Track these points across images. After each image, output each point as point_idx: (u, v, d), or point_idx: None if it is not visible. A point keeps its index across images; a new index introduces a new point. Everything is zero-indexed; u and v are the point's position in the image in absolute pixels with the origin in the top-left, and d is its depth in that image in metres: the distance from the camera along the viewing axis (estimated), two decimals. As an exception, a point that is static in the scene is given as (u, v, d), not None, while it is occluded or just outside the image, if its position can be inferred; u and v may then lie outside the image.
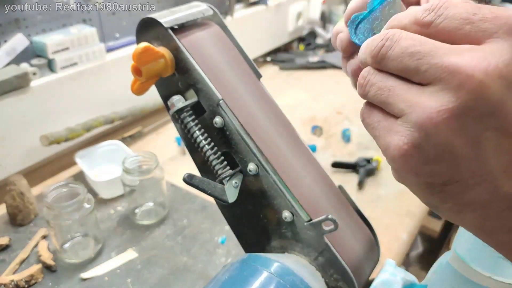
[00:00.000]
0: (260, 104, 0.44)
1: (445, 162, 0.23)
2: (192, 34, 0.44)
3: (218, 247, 0.73)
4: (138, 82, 0.42)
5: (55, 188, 0.69)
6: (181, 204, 0.83)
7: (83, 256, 0.70)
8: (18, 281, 0.63)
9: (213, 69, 0.42)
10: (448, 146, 0.22)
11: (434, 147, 0.23)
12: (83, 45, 0.92)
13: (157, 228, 0.77)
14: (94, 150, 0.91)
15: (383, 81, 0.25)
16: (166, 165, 0.92)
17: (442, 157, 0.23)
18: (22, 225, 0.77)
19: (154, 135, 1.09)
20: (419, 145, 0.23)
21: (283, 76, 1.43)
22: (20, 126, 0.85)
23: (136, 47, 0.41)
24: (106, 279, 0.66)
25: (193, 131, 0.42)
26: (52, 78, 0.88)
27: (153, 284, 0.66)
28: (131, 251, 0.72)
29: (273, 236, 0.43)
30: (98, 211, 0.80)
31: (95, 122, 0.94)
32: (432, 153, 0.23)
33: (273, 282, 0.35)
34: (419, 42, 0.23)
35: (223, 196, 0.41)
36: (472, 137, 0.22)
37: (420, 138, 0.23)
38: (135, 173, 0.76)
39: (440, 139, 0.22)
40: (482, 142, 0.22)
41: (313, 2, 1.57)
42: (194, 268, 0.68)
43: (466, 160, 0.22)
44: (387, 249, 0.72)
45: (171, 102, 0.43)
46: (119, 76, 0.99)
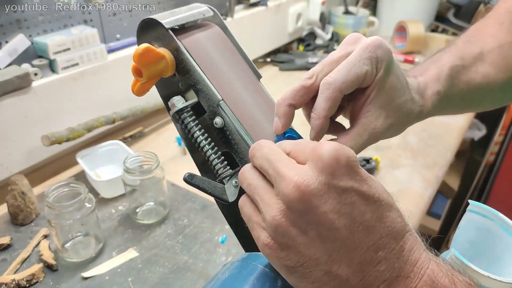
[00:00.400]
0: (260, 105, 0.44)
1: (291, 249, 0.30)
2: (192, 35, 0.44)
3: (218, 246, 0.73)
4: (139, 83, 0.42)
5: (56, 187, 0.69)
6: (181, 203, 0.83)
7: (84, 256, 0.70)
8: (19, 280, 0.64)
9: (213, 69, 0.43)
10: (290, 237, 0.30)
11: (282, 238, 0.30)
12: (84, 46, 0.92)
13: (157, 228, 0.77)
14: (95, 150, 0.91)
15: (253, 178, 0.34)
16: (167, 165, 0.92)
17: (288, 245, 0.30)
18: (24, 224, 0.77)
19: (154, 135, 1.09)
20: (274, 238, 0.31)
21: (283, 77, 1.43)
22: (21, 126, 0.85)
23: (137, 48, 0.41)
24: (107, 278, 0.67)
25: (193, 131, 0.42)
26: (54, 79, 0.88)
27: (154, 283, 0.66)
28: (132, 251, 0.72)
29: (272, 235, 0.43)
30: (99, 210, 0.80)
31: (96, 122, 0.94)
32: (282, 243, 0.31)
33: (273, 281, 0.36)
34: (274, 153, 0.33)
35: (223, 195, 0.41)
36: (301, 229, 0.30)
37: (273, 233, 0.31)
38: (136, 173, 0.76)
39: (284, 232, 0.30)
40: (308, 232, 0.30)
41: (312, 3, 1.57)
42: (194, 267, 0.69)
43: (303, 247, 0.30)
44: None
45: (172, 102, 0.43)
46: (120, 77, 1.00)
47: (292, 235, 0.30)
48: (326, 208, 0.29)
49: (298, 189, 0.29)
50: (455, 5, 1.78)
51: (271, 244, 0.31)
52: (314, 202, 0.29)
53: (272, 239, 0.31)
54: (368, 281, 0.30)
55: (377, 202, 0.30)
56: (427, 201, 0.87)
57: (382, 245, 0.30)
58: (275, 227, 0.30)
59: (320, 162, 0.30)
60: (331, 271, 0.30)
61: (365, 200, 0.30)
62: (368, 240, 0.30)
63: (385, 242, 0.30)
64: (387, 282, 0.30)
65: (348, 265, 0.30)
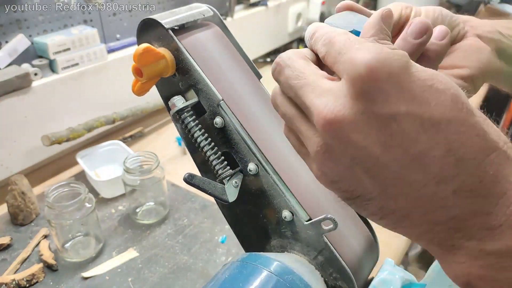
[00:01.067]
0: (260, 105, 0.44)
1: (341, 183, 0.27)
2: (192, 35, 0.44)
3: (218, 246, 0.73)
4: (139, 83, 0.42)
5: (56, 187, 0.69)
6: (181, 203, 0.83)
7: (84, 256, 0.70)
8: (19, 280, 0.64)
9: (213, 69, 0.43)
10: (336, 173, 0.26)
11: (329, 173, 0.27)
12: (84, 46, 0.92)
13: (157, 228, 0.77)
14: (95, 150, 0.91)
15: (284, 107, 0.29)
16: (167, 165, 0.92)
17: (337, 180, 0.27)
18: (24, 224, 0.77)
19: (154, 135, 1.09)
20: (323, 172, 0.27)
21: (283, 77, 1.43)
22: (21, 126, 0.85)
23: (137, 48, 0.41)
24: (107, 278, 0.67)
25: (193, 131, 0.42)
26: (54, 79, 0.88)
27: (154, 283, 0.66)
28: (132, 251, 0.72)
29: (273, 236, 0.43)
30: (99, 210, 0.80)
31: (96, 122, 0.94)
32: (331, 177, 0.27)
33: (273, 281, 0.36)
34: (296, 76, 0.27)
35: (223, 195, 0.41)
36: (345, 165, 0.26)
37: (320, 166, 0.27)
38: (136, 173, 0.76)
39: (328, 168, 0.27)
40: (353, 168, 0.25)
41: (312, 3, 1.57)
42: (194, 267, 0.69)
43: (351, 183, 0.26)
44: (386, 248, 0.72)
45: (172, 102, 0.43)
46: (120, 77, 1.00)
47: (338, 171, 0.26)
48: (368, 142, 0.24)
49: (330, 125, 0.24)
50: (455, 5, 1.78)
51: (321, 177, 0.28)
52: (352, 137, 0.24)
53: (321, 172, 0.28)
54: (433, 216, 0.25)
55: (437, 124, 0.24)
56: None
57: (446, 177, 0.24)
58: (319, 162, 0.27)
59: (356, 80, 0.24)
60: (388, 206, 0.26)
61: (418, 126, 0.24)
62: (427, 173, 0.24)
63: (452, 173, 0.24)
64: (458, 219, 0.25)
65: (406, 201, 0.25)
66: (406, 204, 0.25)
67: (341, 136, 0.25)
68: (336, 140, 0.25)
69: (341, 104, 0.24)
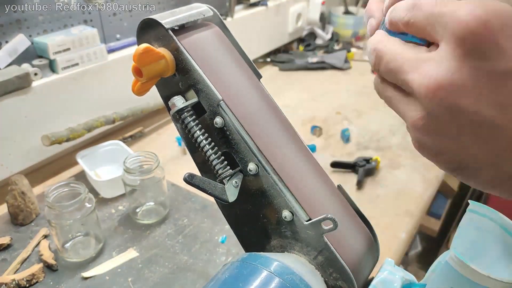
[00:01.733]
0: (260, 105, 0.44)
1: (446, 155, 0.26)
2: (192, 35, 0.44)
3: (218, 246, 0.73)
4: (139, 83, 0.42)
5: (56, 187, 0.69)
6: (181, 203, 0.83)
7: (84, 256, 0.70)
8: (19, 280, 0.64)
9: (213, 69, 0.43)
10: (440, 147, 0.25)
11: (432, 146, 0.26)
12: (84, 46, 0.92)
13: (157, 228, 0.77)
14: (95, 150, 0.91)
15: (386, 91, 0.28)
16: (167, 165, 0.92)
17: (441, 153, 0.26)
18: (24, 224, 0.77)
19: (154, 135, 1.09)
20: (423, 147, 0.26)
21: (283, 77, 1.43)
22: (21, 126, 0.85)
23: (137, 48, 0.41)
24: (107, 278, 0.67)
25: (193, 131, 0.42)
26: (54, 79, 0.88)
27: (154, 283, 0.66)
28: (132, 251, 0.72)
29: (273, 235, 0.43)
30: (99, 210, 0.80)
31: (96, 122, 0.94)
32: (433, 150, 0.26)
33: (273, 281, 0.36)
34: (393, 58, 0.26)
35: (223, 195, 0.41)
36: (450, 136, 0.24)
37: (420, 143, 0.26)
38: (136, 173, 0.76)
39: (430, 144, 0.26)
40: (461, 138, 0.24)
41: (312, 3, 1.57)
42: (194, 267, 0.69)
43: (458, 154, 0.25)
44: (386, 248, 0.72)
45: (172, 102, 0.43)
46: (120, 77, 1.00)
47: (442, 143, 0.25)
48: (480, 105, 0.22)
49: (434, 94, 0.23)
50: (455, 5, 1.78)
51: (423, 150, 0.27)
52: (460, 103, 0.22)
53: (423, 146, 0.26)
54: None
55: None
56: (427, 201, 0.87)
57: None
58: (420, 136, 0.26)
59: (466, 36, 0.21)
60: (504, 171, 0.24)
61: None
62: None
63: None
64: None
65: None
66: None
67: (446, 104, 0.23)
68: (441, 109, 0.23)
69: (444, 70, 0.23)
